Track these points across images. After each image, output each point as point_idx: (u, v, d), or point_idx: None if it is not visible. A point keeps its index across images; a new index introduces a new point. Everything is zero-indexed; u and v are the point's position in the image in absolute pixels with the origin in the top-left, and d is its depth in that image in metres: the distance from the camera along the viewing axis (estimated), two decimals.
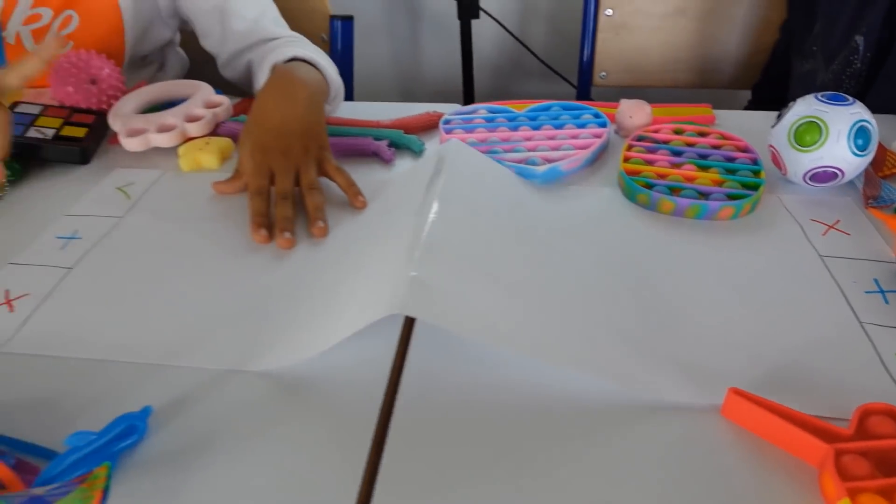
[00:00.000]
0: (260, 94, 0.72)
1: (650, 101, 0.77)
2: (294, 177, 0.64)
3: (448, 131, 0.74)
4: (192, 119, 0.76)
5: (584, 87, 1.21)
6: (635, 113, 0.75)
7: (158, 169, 0.71)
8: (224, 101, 0.78)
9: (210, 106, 0.78)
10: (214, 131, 0.76)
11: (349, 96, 1.11)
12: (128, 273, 0.57)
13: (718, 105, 0.82)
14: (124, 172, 0.71)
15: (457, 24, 1.47)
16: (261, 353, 0.47)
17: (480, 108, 0.79)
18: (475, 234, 0.51)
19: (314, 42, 0.91)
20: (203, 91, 0.80)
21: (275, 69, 0.77)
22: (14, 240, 0.61)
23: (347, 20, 1.03)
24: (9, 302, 0.53)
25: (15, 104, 0.75)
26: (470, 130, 0.74)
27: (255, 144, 0.66)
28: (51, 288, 0.54)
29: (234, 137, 0.76)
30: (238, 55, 0.89)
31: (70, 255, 0.58)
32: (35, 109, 0.75)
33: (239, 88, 0.91)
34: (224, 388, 0.45)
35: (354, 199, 0.64)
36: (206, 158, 0.71)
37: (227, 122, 0.77)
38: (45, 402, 0.44)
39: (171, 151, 0.73)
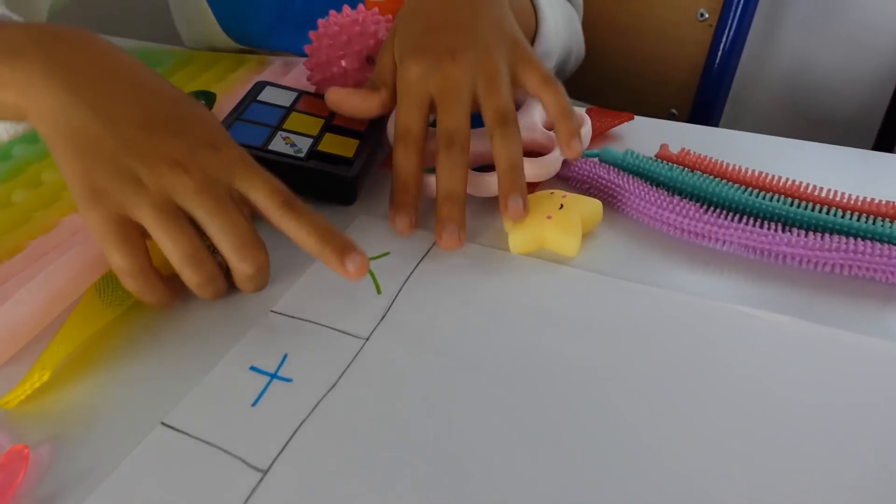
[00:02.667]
0: None
1: None
2: (472, 102, 0.39)
3: None
4: (530, 150, 0.43)
5: None
6: None
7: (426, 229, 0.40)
8: (584, 118, 0.45)
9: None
10: (561, 175, 0.43)
11: (717, 109, 0.73)
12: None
13: None
14: (370, 224, 0.41)
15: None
16: None
17: None
18: None
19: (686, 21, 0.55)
20: (537, 107, 0.47)
21: None
22: (193, 355, 0.32)
23: None
24: None
25: (261, 86, 0.48)
26: None
27: (410, 44, 0.40)
28: None
29: (603, 195, 0.42)
30: None
31: (265, 430, 0.28)
32: (286, 99, 0.47)
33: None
34: None
35: (567, 144, 0.39)
36: (560, 239, 0.37)
37: (585, 161, 0.44)
38: None
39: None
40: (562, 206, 0.38)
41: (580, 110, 0.46)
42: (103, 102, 0.32)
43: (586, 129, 0.44)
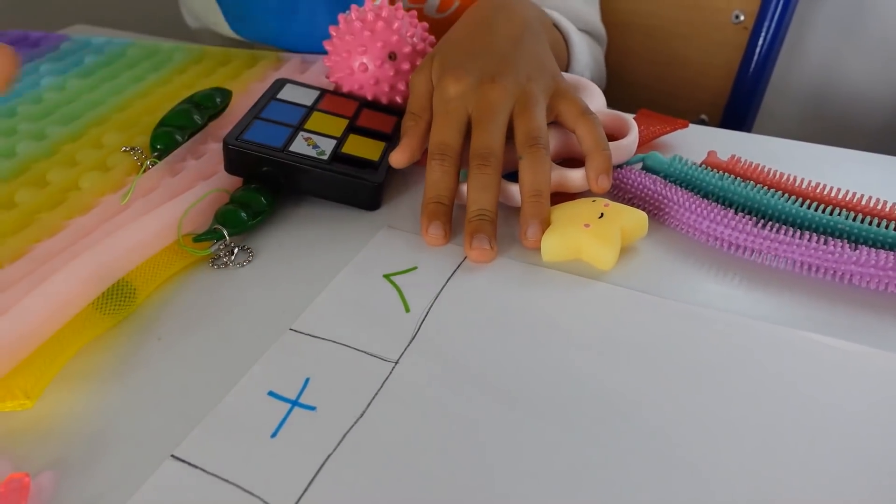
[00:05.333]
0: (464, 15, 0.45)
1: None
2: (508, 121, 0.38)
3: None
4: (574, 158, 0.40)
5: None
6: None
7: (456, 242, 0.37)
8: (631, 123, 0.42)
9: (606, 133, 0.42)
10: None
11: (749, 115, 0.70)
12: None
13: None
14: (394, 238, 0.38)
15: None
16: None
17: None
18: None
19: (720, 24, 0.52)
20: (593, 98, 0.44)
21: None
22: (205, 377, 0.29)
23: None
24: None
25: (280, 84, 0.45)
26: None
27: (452, 66, 0.40)
28: None
29: (647, 206, 0.39)
30: None
31: (287, 465, 0.25)
32: (308, 98, 0.45)
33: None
34: None
35: (595, 180, 0.37)
36: (596, 250, 0.34)
37: (631, 169, 0.41)
38: None
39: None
40: (602, 215, 0.36)
41: (627, 116, 0.43)
42: None
43: (632, 138, 0.41)
